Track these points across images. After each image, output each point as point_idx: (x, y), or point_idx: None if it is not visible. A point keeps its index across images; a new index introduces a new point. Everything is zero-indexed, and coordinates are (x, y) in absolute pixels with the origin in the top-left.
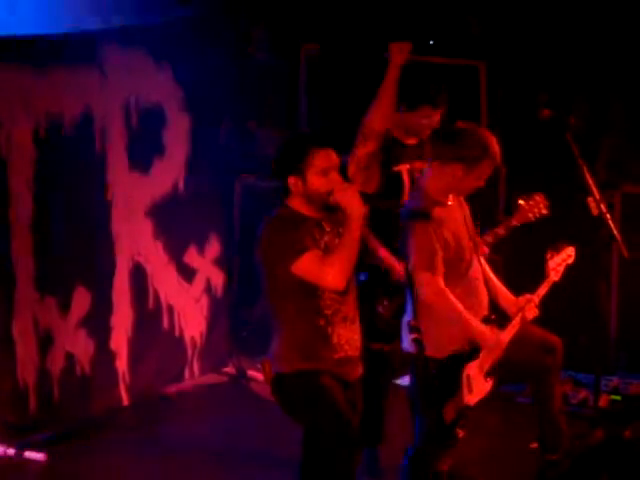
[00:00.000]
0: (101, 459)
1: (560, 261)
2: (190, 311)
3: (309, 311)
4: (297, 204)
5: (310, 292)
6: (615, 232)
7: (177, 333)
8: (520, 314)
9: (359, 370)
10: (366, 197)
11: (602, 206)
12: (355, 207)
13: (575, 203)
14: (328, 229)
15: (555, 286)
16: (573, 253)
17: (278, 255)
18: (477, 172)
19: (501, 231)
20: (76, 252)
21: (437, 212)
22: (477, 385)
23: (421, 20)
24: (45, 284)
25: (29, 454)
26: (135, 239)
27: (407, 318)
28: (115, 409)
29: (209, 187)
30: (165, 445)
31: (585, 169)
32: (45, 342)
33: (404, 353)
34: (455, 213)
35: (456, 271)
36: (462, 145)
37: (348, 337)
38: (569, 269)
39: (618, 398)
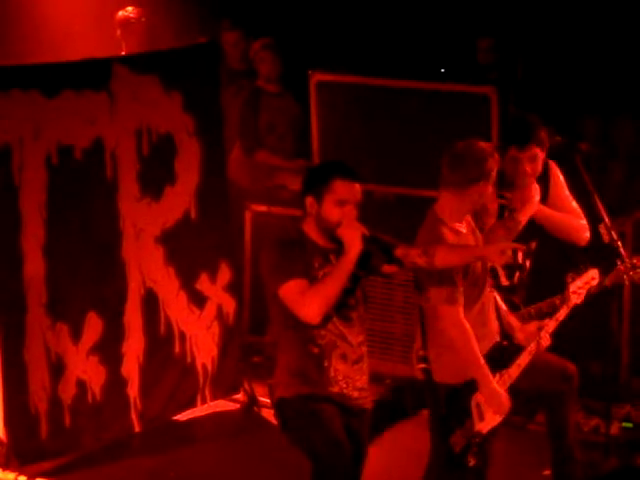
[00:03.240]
0: None
1: (582, 284)
2: (202, 338)
3: (303, 337)
4: (310, 230)
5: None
6: (626, 259)
7: (189, 360)
8: (534, 343)
9: (365, 403)
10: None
11: (613, 233)
12: (354, 246)
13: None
14: (334, 262)
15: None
16: (597, 275)
17: (270, 276)
18: (471, 197)
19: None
20: (87, 279)
21: (448, 235)
22: (489, 412)
23: (431, 47)
24: (57, 310)
25: None
26: (146, 266)
27: (416, 347)
28: (127, 436)
29: (220, 214)
30: (177, 472)
31: (596, 196)
32: (57, 369)
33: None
34: (468, 240)
35: (468, 298)
36: (473, 165)
37: (346, 375)
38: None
39: (630, 425)
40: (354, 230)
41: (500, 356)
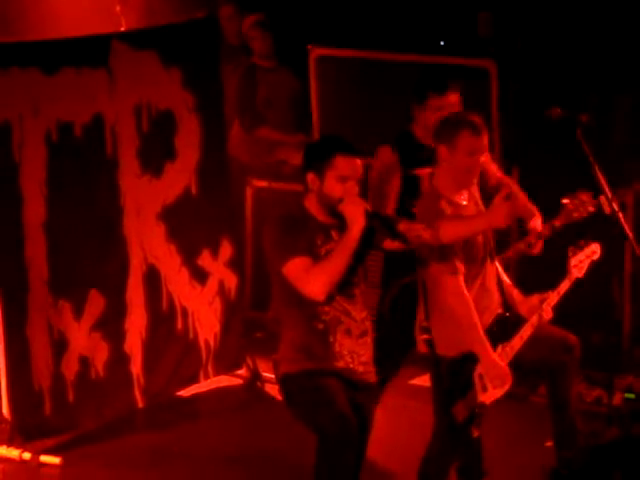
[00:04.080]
0: (116, 462)
1: (584, 257)
2: (204, 313)
3: (308, 314)
4: (312, 205)
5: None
6: (627, 230)
7: (191, 336)
8: (536, 315)
9: (370, 377)
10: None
11: (614, 204)
12: (357, 223)
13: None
14: (335, 238)
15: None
16: (598, 249)
17: (272, 254)
18: (460, 147)
19: (546, 231)
20: (89, 256)
21: (445, 207)
22: (492, 384)
23: (431, 20)
24: (59, 288)
25: (45, 458)
26: (148, 242)
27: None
28: (130, 412)
29: (221, 190)
30: (180, 447)
31: (596, 167)
32: (59, 346)
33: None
34: (470, 211)
35: (470, 271)
36: (441, 128)
37: (351, 349)
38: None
39: (632, 396)
40: (356, 206)
41: (502, 328)
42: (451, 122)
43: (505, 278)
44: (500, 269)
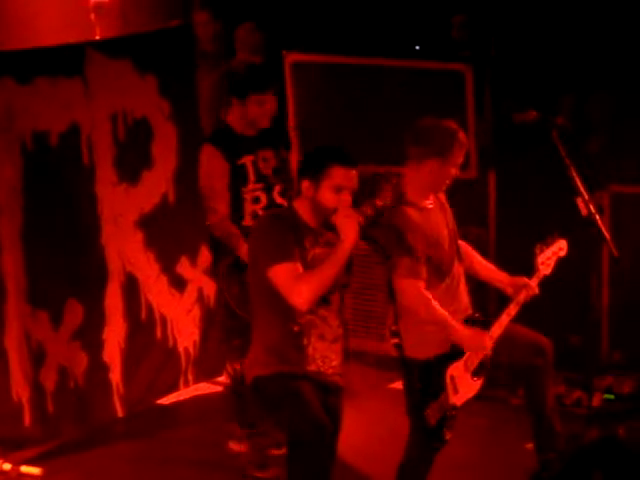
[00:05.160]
0: (97, 472)
1: (550, 254)
2: (183, 321)
3: (284, 316)
4: (301, 208)
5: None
6: (605, 232)
7: (170, 343)
8: (520, 298)
9: (339, 380)
10: None
11: (591, 206)
12: (350, 236)
13: (564, 204)
14: (322, 243)
15: (546, 285)
16: (565, 245)
17: (261, 253)
18: (451, 161)
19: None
20: (66, 265)
21: (413, 216)
22: (463, 385)
23: (406, 24)
24: (36, 297)
25: (25, 469)
26: (126, 251)
27: (389, 323)
28: (110, 421)
29: (198, 198)
30: (161, 456)
31: (573, 169)
32: (38, 356)
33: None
34: (435, 216)
35: (435, 274)
36: (433, 139)
37: (324, 354)
38: (560, 267)
39: (612, 397)
40: (350, 219)
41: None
42: (442, 134)
43: (483, 261)
44: (477, 255)
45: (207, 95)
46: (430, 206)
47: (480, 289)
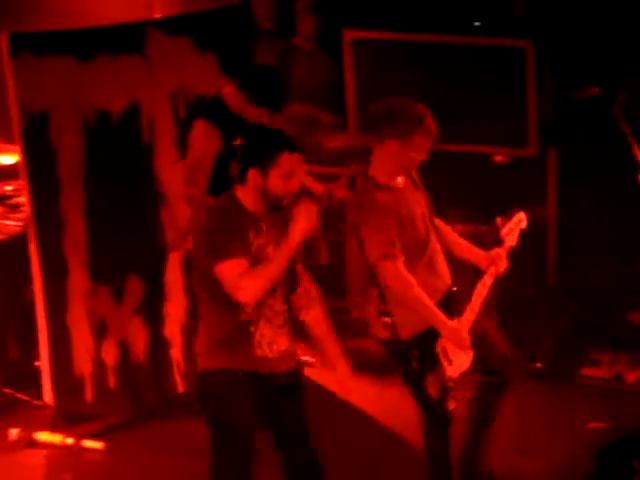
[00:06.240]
0: (158, 447)
1: (513, 226)
2: None
3: (232, 306)
4: (245, 196)
5: None
6: None
7: None
8: (492, 268)
9: (286, 365)
10: None
11: None
12: (304, 226)
13: (625, 181)
14: (264, 230)
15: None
16: (524, 217)
17: (204, 250)
18: (413, 145)
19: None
20: (128, 241)
21: (382, 197)
22: (457, 357)
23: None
24: (98, 273)
25: (87, 443)
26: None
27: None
28: (170, 397)
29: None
30: None
31: (635, 146)
32: (99, 331)
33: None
34: (406, 195)
35: (411, 253)
36: (395, 121)
37: (271, 340)
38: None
39: None
40: (310, 210)
41: (451, 302)
42: (405, 117)
43: (458, 239)
44: (452, 232)
45: None
46: (400, 185)
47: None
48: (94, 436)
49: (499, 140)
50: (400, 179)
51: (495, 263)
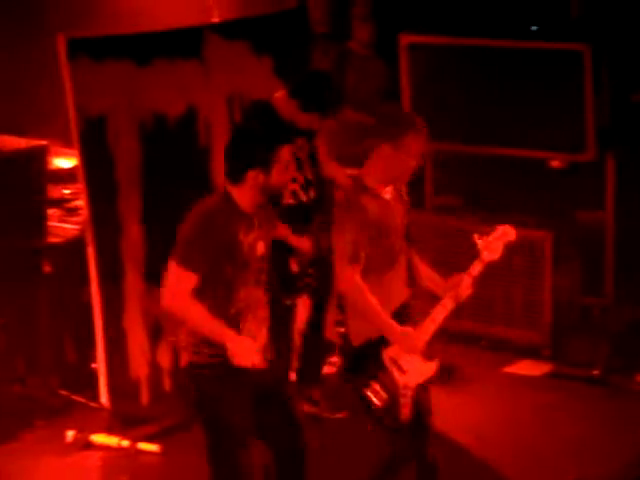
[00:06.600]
0: None
1: (492, 239)
2: None
3: (222, 299)
4: (240, 195)
5: (225, 283)
6: None
7: None
8: (453, 292)
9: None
10: None
11: None
12: None
13: None
14: (256, 226)
15: None
16: (511, 231)
17: (180, 245)
18: (405, 148)
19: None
20: None
21: (365, 201)
22: (413, 366)
23: (522, 4)
24: (154, 276)
25: (143, 445)
26: None
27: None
28: None
29: None
30: None
31: None
32: (155, 334)
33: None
34: (391, 207)
35: (380, 262)
36: (387, 125)
37: (253, 334)
38: None
39: None
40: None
41: (406, 315)
42: (397, 120)
43: (421, 263)
44: (416, 256)
45: None
46: (387, 196)
47: None
48: (150, 438)
49: (556, 145)
50: (389, 190)
51: (456, 289)
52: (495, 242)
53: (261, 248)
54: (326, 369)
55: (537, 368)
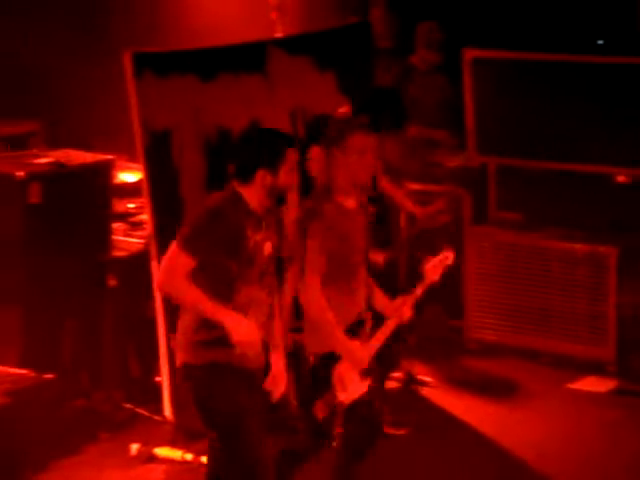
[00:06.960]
0: None
1: (437, 262)
2: None
3: (222, 295)
4: (249, 195)
5: (227, 280)
6: None
7: None
8: (396, 315)
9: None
10: None
11: None
12: None
13: None
14: (263, 227)
15: None
16: (451, 255)
17: (186, 230)
18: (351, 148)
19: None
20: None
21: (328, 210)
22: (352, 384)
23: (588, 18)
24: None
25: (206, 459)
26: None
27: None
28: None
29: None
30: None
31: None
32: None
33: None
34: (354, 217)
35: (339, 271)
36: (330, 132)
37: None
38: None
39: None
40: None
41: (360, 329)
42: (333, 125)
43: (374, 286)
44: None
45: None
46: (351, 206)
47: None
48: None
49: (622, 160)
50: (353, 199)
51: (399, 310)
52: (438, 265)
53: (268, 249)
54: (389, 384)
55: (602, 384)
